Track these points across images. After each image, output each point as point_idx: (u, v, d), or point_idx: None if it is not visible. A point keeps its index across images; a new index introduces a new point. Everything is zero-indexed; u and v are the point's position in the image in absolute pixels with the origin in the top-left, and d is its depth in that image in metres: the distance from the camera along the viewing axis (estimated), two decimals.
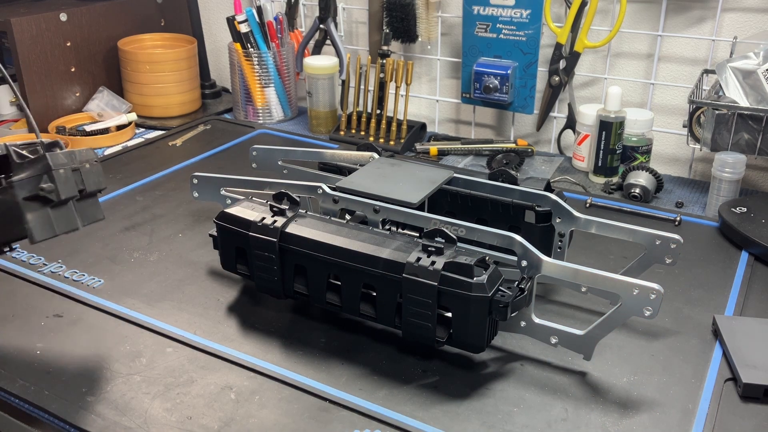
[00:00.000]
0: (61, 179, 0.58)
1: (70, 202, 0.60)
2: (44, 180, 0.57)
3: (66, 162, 0.59)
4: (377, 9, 1.26)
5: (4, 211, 0.57)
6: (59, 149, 0.60)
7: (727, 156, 0.93)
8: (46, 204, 0.58)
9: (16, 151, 0.57)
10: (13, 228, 0.58)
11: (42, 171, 0.57)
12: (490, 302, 0.60)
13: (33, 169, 0.57)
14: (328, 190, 0.73)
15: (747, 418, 0.60)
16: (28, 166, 0.57)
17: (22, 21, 1.21)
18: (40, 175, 0.57)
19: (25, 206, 0.57)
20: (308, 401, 0.61)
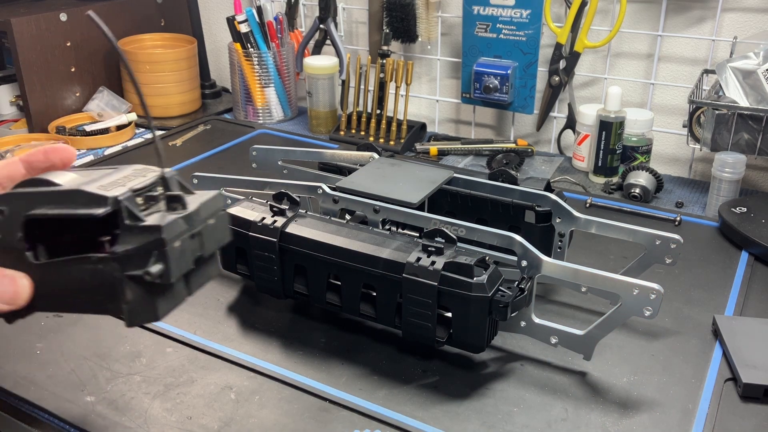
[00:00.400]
0: (174, 256, 0.44)
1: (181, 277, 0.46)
2: (153, 260, 0.43)
3: (186, 229, 0.45)
4: (377, 9, 1.26)
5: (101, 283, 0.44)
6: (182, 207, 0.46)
7: (727, 156, 0.93)
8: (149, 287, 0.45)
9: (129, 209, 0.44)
10: (106, 303, 0.45)
11: (152, 246, 0.44)
12: (490, 302, 0.60)
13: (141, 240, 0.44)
14: (328, 190, 0.73)
15: (747, 418, 0.60)
16: (138, 234, 0.44)
17: (22, 21, 1.21)
18: (150, 250, 0.44)
19: (126, 283, 0.44)
20: (308, 401, 0.61)
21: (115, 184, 0.46)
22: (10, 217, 0.45)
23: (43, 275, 0.46)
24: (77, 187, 0.44)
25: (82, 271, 0.45)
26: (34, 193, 0.45)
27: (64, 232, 0.46)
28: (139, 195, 0.46)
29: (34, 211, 0.44)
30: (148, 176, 0.48)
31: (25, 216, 0.45)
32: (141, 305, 0.45)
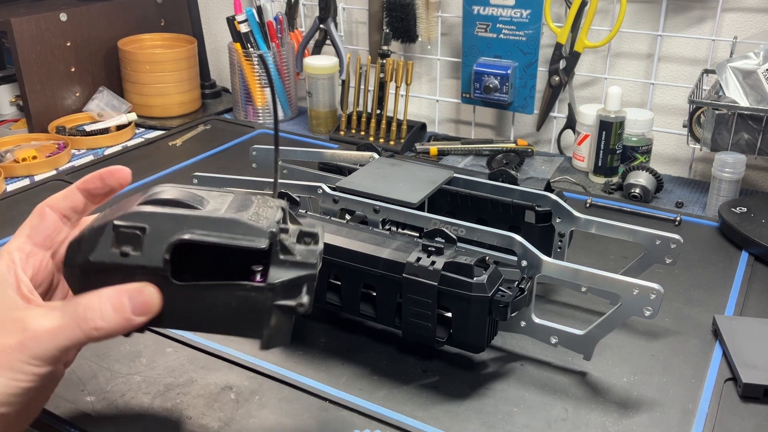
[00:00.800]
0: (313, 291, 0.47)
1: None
2: (303, 292, 0.46)
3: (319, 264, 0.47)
4: (377, 9, 1.26)
5: (247, 309, 0.46)
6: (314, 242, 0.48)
7: (727, 156, 0.93)
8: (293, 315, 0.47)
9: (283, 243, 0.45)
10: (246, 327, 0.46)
11: (306, 279, 0.46)
12: (490, 302, 0.59)
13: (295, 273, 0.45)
14: (328, 190, 0.73)
15: (747, 418, 0.60)
16: (290, 267, 0.45)
17: (22, 21, 1.21)
18: (301, 284, 0.46)
19: (274, 312, 0.46)
20: (308, 401, 0.61)
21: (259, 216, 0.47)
22: (151, 236, 0.45)
23: (180, 295, 0.46)
24: (234, 217, 0.45)
25: (229, 297, 0.45)
26: (185, 216, 0.45)
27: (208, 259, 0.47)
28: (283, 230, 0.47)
29: (192, 236, 0.44)
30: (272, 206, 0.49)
31: (178, 239, 0.44)
32: (279, 331, 0.47)
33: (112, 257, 0.45)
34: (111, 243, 0.45)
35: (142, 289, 0.45)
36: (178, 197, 0.47)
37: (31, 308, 0.47)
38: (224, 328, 0.47)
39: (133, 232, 0.45)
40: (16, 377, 0.45)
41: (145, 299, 0.45)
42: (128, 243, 0.45)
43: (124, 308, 0.45)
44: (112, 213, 0.47)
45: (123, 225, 0.45)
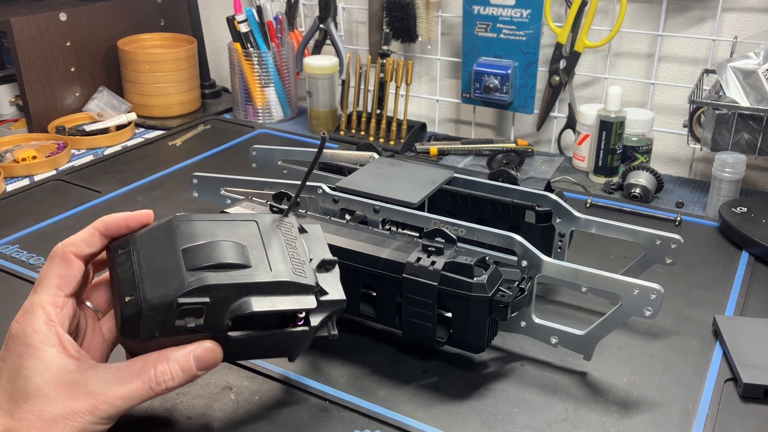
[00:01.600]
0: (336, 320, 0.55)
1: None
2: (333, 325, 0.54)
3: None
4: (377, 9, 1.26)
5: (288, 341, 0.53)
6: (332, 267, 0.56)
7: (727, 156, 0.93)
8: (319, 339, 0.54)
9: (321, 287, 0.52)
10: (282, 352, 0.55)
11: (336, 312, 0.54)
12: (490, 302, 0.59)
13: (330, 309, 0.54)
14: (328, 190, 0.73)
15: (747, 418, 0.60)
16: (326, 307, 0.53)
17: (22, 21, 1.21)
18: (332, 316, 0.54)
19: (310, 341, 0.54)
20: (308, 401, 0.61)
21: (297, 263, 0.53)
22: (214, 307, 0.48)
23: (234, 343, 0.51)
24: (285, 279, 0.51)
25: (275, 338, 0.52)
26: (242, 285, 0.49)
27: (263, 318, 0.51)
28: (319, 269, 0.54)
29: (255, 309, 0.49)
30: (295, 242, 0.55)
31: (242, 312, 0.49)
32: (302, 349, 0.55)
33: (177, 330, 0.49)
34: (175, 318, 0.48)
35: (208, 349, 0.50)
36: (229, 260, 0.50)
37: (85, 369, 0.48)
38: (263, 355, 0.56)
39: (198, 307, 0.48)
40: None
41: (209, 357, 0.50)
42: (192, 315, 0.48)
43: (191, 367, 0.50)
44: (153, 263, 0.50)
45: (187, 303, 0.47)
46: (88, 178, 1.06)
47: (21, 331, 0.49)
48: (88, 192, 1.02)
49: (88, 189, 1.02)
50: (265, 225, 0.55)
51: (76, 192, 1.02)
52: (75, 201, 0.99)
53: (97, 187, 1.03)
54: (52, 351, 0.48)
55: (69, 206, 0.97)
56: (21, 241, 0.88)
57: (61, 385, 0.47)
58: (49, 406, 0.47)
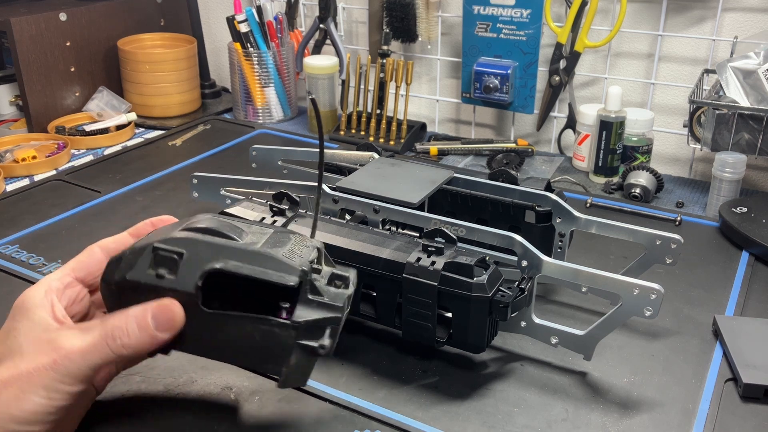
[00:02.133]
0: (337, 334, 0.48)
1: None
2: (326, 335, 0.47)
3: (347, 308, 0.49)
4: (377, 9, 1.26)
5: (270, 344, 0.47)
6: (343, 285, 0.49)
7: (727, 156, 0.93)
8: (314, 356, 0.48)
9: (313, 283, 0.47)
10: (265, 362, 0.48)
11: (331, 322, 0.47)
12: (491, 302, 0.59)
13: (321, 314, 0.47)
14: (328, 190, 0.73)
15: (747, 418, 0.60)
16: (317, 308, 0.47)
17: (22, 21, 1.21)
18: (325, 326, 0.47)
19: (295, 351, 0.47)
20: (308, 401, 0.61)
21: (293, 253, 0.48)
22: (188, 262, 0.47)
23: (207, 322, 0.47)
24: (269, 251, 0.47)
25: (254, 329, 0.47)
26: (222, 246, 0.47)
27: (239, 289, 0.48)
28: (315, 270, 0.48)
29: (225, 266, 0.46)
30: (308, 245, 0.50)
31: (211, 267, 0.46)
32: (298, 371, 0.48)
33: (147, 278, 0.47)
34: (149, 264, 0.47)
35: (165, 306, 0.47)
36: (218, 228, 0.48)
37: (63, 329, 0.49)
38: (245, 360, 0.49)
39: (171, 256, 0.47)
40: (50, 396, 0.47)
41: (169, 316, 0.47)
42: (165, 266, 0.47)
43: (148, 325, 0.47)
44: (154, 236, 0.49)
45: (163, 248, 0.47)
46: (88, 178, 1.06)
47: (22, 298, 0.51)
48: (88, 192, 1.02)
49: (88, 189, 1.02)
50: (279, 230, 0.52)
51: (76, 192, 1.02)
52: (75, 201, 0.99)
53: (97, 187, 1.03)
54: (40, 313, 0.49)
55: (69, 206, 0.97)
56: (21, 241, 0.88)
57: (37, 342, 0.48)
58: (21, 361, 0.47)
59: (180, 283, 0.47)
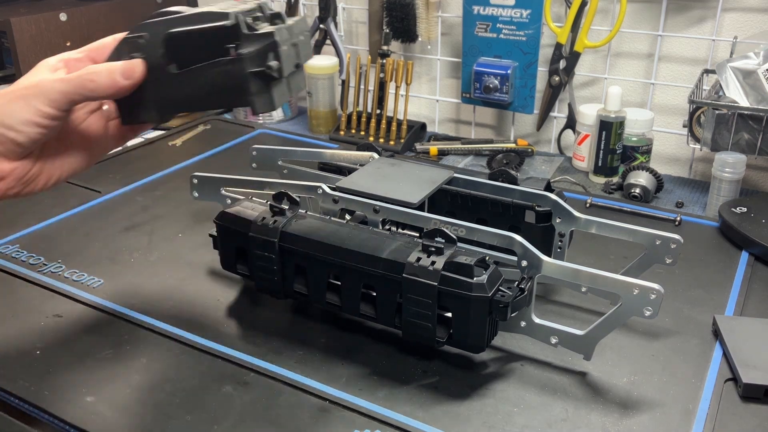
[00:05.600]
0: (284, 56, 0.57)
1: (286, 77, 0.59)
2: (270, 57, 0.56)
3: (288, 38, 0.58)
4: (377, 9, 1.26)
5: (230, 81, 0.57)
6: (281, 22, 0.59)
7: (727, 156, 0.93)
8: (269, 80, 0.57)
9: (246, 22, 0.56)
10: (237, 97, 0.58)
11: (269, 48, 0.56)
12: (490, 302, 0.59)
13: (260, 43, 0.56)
14: (328, 190, 0.73)
15: (747, 418, 0.60)
16: (255, 40, 0.56)
17: (22, 21, 1.21)
18: (267, 51, 0.56)
19: (251, 78, 0.56)
20: (308, 401, 0.61)
21: (228, 5, 0.58)
22: (151, 41, 0.57)
23: (182, 82, 0.58)
24: (206, 9, 0.57)
25: (215, 74, 0.57)
26: (170, 19, 0.57)
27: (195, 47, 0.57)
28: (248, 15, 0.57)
29: (175, 29, 0.57)
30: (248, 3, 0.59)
31: (165, 35, 0.57)
32: (262, 97, 0.57)
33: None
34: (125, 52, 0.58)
35: (130, 62, 0.58)
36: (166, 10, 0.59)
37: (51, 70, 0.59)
38: (219, 102, 0.60)
39: (136, 40, 0.58)
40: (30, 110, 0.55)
41: (131, 67, 0.57)
42: (135, 49, 0.58)
43: (114, 70, 0.57)
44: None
45: (129, 36, 0.58)
46: (88, 178, 1.06)
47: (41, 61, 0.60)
48: (88, 192, 1.02)
49: (88, 189, 1.02)
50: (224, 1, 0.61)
51: (76, 192, 1.02)
52: (75, 201, 0.99)
53: (97, 187, 1.03)
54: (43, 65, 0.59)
55: (69, 206, 0.97)
56: (21, 241, 0.88)
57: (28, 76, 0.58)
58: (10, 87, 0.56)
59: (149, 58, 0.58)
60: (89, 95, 0.56)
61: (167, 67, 0.58)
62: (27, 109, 0.55)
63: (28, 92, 0.55)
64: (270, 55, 0.56)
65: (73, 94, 0.56)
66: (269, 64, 0.56)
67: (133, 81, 0.57)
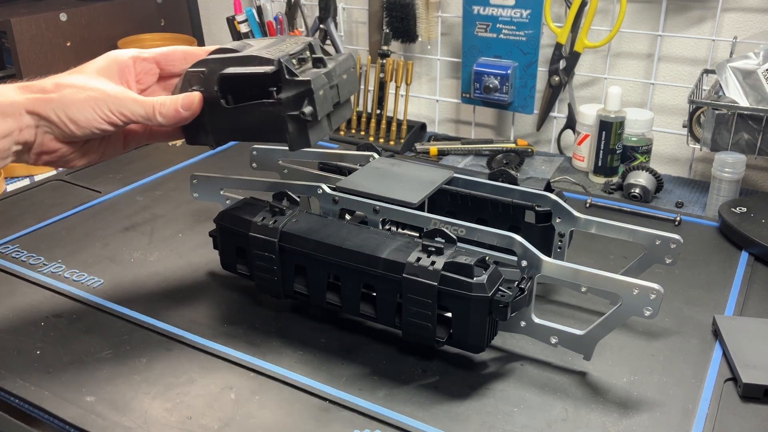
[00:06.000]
0: (320, 101, 0.62)
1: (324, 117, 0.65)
2: (305, 104, 0.62)
3: (326, 82, 0.63)
4: (377, 9, 1.26)
5: (271, 120, 0.63)
6: (322, 66, 0.64)
7: (727, 156, 0.93)
8: (304, 123, 0.63)
9: (288, 68, 0.62)
10: (277, 135, 0.64)
11: (305, 94, 0.62)
12: (490, 302, 0.59)
13: (297, 89, 0.62)
14: (328, 190, 0.73)
15: (747, 418, 0.60)
16: (294, 86, 0.62)
17: (22, 21, 1.21)
18: (303, 97, 0.62)
19: (288, 120, 0.63)
20: (308, 401, 0.61)
21: (277, 50, 0.64)
22: (208, 77, 0.64)
23: (232, 116, 0.65)
24: (253, 53, 0.64)
25: (259, 113, 0.64)
26: (225, 58, 0.64)
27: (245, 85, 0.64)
28: (293, 57, 0.64)
29: (225, 71, 0.64)
30: (299, 43, 0.66)
31: (218, 75, 0.64)
32: (298, 136, 0.64)
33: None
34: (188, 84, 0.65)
35: (189, 95, 0.64)
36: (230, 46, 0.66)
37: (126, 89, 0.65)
38: (262, 136, 0.66)
39: (198, 74, 0.65)
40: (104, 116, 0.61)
41: (190, 100, 0.64)
42: (196, 83, 0.65)
43: (176, 103, 0.63)
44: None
45: (192, 70, 0.65)
46: (88, 178, 1.06)
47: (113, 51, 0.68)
48: (88, 192, 1.02)
49: (88, 189, 1.02)
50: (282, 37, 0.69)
51: (76, 192, 1.02)
52: (75, 201, 0.99)
53: (97, 187, 1.03)
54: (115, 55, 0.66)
55: (69, 206, 0.97)
56: (21, 241, 0.88)
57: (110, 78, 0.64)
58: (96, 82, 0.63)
59: (207, 91, 0.65)
60: (155, 121, 0.63)
61: (221, 101, 0.64)
62: (97, 112, 0.60)
63: (104, 97, 0.61)
64: (305, 100, 0.62)
65: (142, 117, 0.63)
66: (303, 111, 0.62)
67: (191, 112, 0.64)
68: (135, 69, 0.66)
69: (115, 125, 0.62)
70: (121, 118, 0.62)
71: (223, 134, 0.67)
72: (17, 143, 0.60)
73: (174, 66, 0.69)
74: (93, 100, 0.60)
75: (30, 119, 0.60)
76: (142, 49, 0.68)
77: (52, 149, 0.62)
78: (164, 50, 0.69)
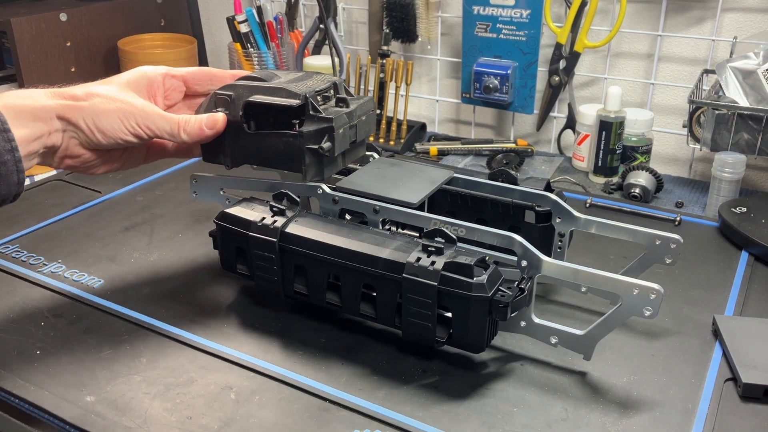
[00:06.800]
0: (338, 139, 0.66)
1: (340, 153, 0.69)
2: (325, 139, 0.65)
3: (346, 122, 0.67)
4: (377, 9, 1.26)
5: (289, 150, 0.67)
6: (345, 106, 0.68)
7: (727, 156, 0.93)
8: (321, 157, 0.67)
9: (313, 104, 0.65)
10: (293, 164, 0.68)
11: (326, 131, 0.65)
12: (490, 302, 0.59)
13: (319, 125, 0.65)
14: (328, 190, 0.73)
15: (747, 418, 0.60)
16: (316, 121, 0.65)
17: (22, 21, 1.21)
18: (324, 133, 0.65)
19: (307, 152, 0.66)
20: (308, 401, 0.61)
21: (304, 86, 0.68)
22: (234, 101, 0.68)
23: (253, 141, 0.69)
24: (281, 85, 0.67)
25: (279, 142, 0.67)
26: (253, 86, 0.68)
27: (269, 114, 0.68)
28: (318, 94, 0.68)
29: (252, 98, 0.67)
30: (325, 81, 0.70)
31: (245, 101, 0.67)
32: (313, 169, 0.68)
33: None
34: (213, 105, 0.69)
35: (213, 115, 0.68)
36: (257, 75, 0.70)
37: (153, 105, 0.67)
38: (279, 164, 0.69)
39: (225, 98, 0.68)
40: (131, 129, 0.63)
41: (214, 120, 0.68)
42: (222, 105, 0.69)
43: (201, 122, 0.67)
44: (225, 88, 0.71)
45: (219, 93, 0.69)
46: (88, 178, 1.06)
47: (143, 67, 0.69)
48: (88, 192, 1.02)
49: (88, 189, 1.03)
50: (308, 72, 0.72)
51: (76, 192, 1.02)
52: (75, 201, 0.99)
53: (97, 187, 1.03)
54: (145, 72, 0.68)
55: (69, 206, 0.97)
56: (21, 241, 0.88)
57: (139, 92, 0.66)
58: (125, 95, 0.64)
59: (231, 115, 0.68)
60: (179, 138, 0.66)
61: (243, 125, 0.68)
62: (124, 123, 0.63)
63: (132, 110, 0.63)
64: (326, 136, 0.66)
65: (167, 133, 0.65)
66: (322, 146, 0.65)
67: (215, 131, 0.68)
68: (164, 85, 0.69)
69: (140, 138, 0.64)
70: (147, 131, 0.64)
71: (240, 157, 0.70)
72: (45, 146, 0.61)
73: (200, 86, 0.73)
74: (121, 112, 0.62)
75: (59, 124, 0.61)
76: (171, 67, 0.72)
77: (76, 154, 0.64)
78: (192, 70, 0.72)
